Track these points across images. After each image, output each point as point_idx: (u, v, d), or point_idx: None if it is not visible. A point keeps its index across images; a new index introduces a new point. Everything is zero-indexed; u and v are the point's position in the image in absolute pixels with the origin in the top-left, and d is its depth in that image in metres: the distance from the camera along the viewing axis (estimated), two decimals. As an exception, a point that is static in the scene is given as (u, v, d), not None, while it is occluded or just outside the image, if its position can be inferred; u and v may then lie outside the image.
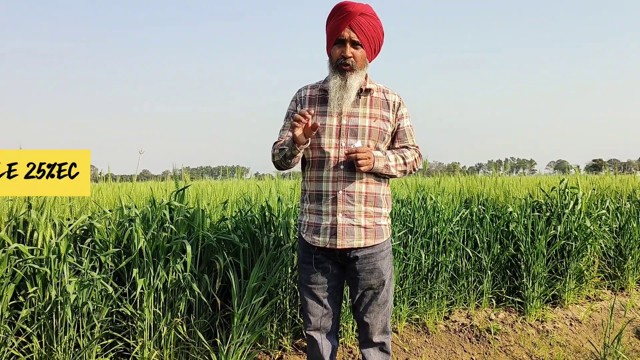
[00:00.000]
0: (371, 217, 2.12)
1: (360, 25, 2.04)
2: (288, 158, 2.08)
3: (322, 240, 2.10)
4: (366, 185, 2.10)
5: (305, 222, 2.19)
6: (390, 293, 2.23)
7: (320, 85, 2.22)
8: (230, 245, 2.99)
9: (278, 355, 3.02)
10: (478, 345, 3.40)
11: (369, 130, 2.11)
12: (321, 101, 2.18)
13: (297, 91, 2.29)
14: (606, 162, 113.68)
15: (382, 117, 2.16)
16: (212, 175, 33.19)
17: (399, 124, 2.22)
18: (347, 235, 2.07)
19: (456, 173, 5.96)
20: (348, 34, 2.04)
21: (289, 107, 2.31)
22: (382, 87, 2.24)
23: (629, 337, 3.57)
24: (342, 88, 2.08)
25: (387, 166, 2.09)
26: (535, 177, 7.13)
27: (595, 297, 4.50)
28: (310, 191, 2.16)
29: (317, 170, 2.14)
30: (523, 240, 3.98)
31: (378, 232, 2.14)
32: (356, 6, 2.03)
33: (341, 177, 2.08)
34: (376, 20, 2.11)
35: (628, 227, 4.86)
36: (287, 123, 2.27)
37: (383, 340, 2.24)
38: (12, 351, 2.40)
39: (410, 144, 2.23)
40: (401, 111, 2.22)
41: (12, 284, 2.37)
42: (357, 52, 2.08)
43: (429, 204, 3.85)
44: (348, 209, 2.08)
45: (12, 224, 2.58)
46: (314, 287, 2.17)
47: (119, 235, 2.72)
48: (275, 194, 3.36)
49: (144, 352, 2.61)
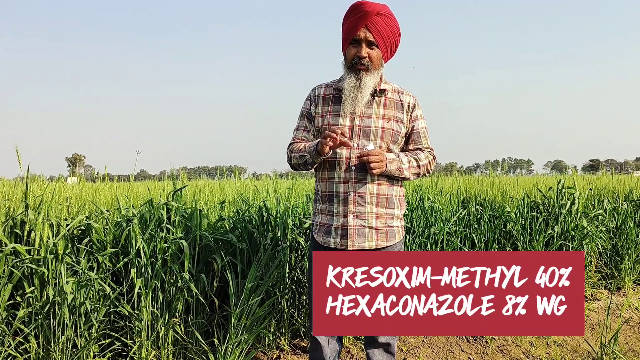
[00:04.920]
0: (383, 219, 2.09)
1: (377, 25, 2.01)
2: (309, 164, 2.08)
3: (333, 241, 2.08)
4: (378, 187, 2.08)
5: (318, 222, 2.17)
6: None
7: (335, 84, 2.20)
8: (227, 245, 2.99)
9: (276, 355, 3.02)
10: (475, 345, 3.40)
11: (381, 132, 2.09)
12: (335, 101, 2.15)
13: (312, 89, 2.26)
14: (603, 162, 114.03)
15: (395, 119, 2.13)
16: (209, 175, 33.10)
17: (413, 126, 2.18)
18: (358, 237, 2.05)
19: (454, 173, 5.97)
20: (364, 33, 2.01)
21: (303, 105, 2.28)
22: (397, 87, 2.20)
23: (625, 337, 3.58)
24: (357, 88, 2.05)
25: (400, 169, 2.07)
26: (532, 177, 7.15)
27: (592, 297, 4.51)
28: (323, 192, 2.15)
29: (329, 171, 2.12)
30: (520, 240, 3.99)
31: (390, 233, 2.11)
32: (373, 6, 2.00)
33: (352, 178, 2.06)
34: (393, 20, 2.07)
35: (625, 227, 4.88)
36: (302, 123, 2.25)
37: (388, 342, 2.22)
38: (10, 351, 2.39)
39: (425, 146, 2.20)
40: (416, 112, 2.19)
41: (10, 284, 2.37)
42: (373, 52, 2.05)
43: (427, 204, 3.86)
44: (359, 210, 2.06)
45: (10, 224, 2.57)
46: None
47: (116, 235, 2.72)
48: (273, 194, 3.36)
49: (141, 352, 2.61)
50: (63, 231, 2.53)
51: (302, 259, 3.14)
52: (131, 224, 2.64)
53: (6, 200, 2.70)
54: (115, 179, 4.42)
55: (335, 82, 2.21)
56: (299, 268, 3.15)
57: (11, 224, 2.59)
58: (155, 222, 2.74)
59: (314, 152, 2.00)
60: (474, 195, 4.52)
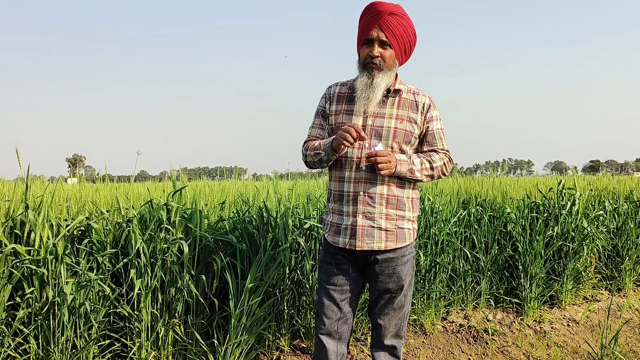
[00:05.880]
0: (393, 220, 2.07)
1: (389, 24, 2.01)
2: (324, 162, 2.09)
3: (342, 241, 2.07)
4: (388, 187, 2.05)
5: (329, 221, 2.17)
6: (408, 298, 2.18)
7: (350, 83, 2.20)
8: (227, 245, 2.99)
9: (275, 356, 3.01)
10: (475, 346, 3.40)
11: (394, 132, 2.07)
12: (349, 99, 2.15)
13: (327, 88, 2.27)
14: (603, 163, 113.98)
15: (409, 119, 2.10)
16: (209, 176, 33.13)
17: (427, 127, 2.15)
18: (367, 237, 2.04)
19: (454, 174, 5.97)
20: (376, 33, 2.01)
21: (318, 103, 2.28)
22: (413, 88, 2.18)
23: (626, 338, 3.57)
24: (369, 87, 2.04)
25: (412, 170, 2.04)
26: (532, 178, 7.13)
27: (593, 298, 4.51)
28: (334, 191, 2.14)
29: (340, 170, 2.11)
30: (521, 241, 3.99)
31: (400, 235, 2.09)
32: (385, 5, 2.00)
33: (362, 179, 2.05)
34: (406, 20, 2.06)
35: (625, 227, 4.88)
36: (317, 121, 2.25)
37: (394, 344, 2.19)
38: (9, 352, 2.39)
39: (440, 147, 2.17)
40: (431, 113, 2.16)
41: (9, 284, 2.37)
42: (386, 52, 2.04)
43: (427, 204, 3.85)
44: (368, 211, 2.04)
45: (9, 225, 2.57)
46: (332, 289, 2.12)
47: (116, 235, 2.72)
48: (273, 195, 3.36)
49: (141, 353, 2.60)
50: (63, 232, 2.53)
51: (303, 260, 3.14)
52: (131, 224, 2.63)
53: (6, 201, 2.70)
54: (116, 180, 4.42)
55: (351, 81, 2.21)
56: (299, 269, 3.14)
57: (11, 225, 2.59)
58: (155, 223, 2.74)
59: (329, 150, 2.01)
60: (474, 196, 4.52)
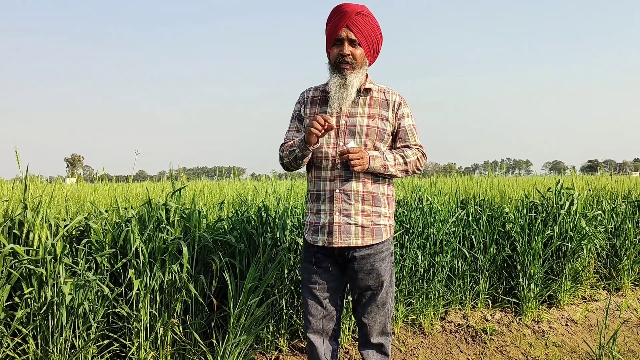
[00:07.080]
0: (369, 216, 2.12)
1: (357, 24, 2.07)
2: (299, 159, 2.12)
3: (321, 239, 2.12)
4: (363, 184, 2.11)
5: (308, 221, 2.22)
6: (390, 295, 2.22)
7: (322, 87, 2.26)
8: (226, 245, 2.99)
9: (274, 356, 3.01)
10: (474, 346, 3.40)
11: (366, 130, 2.12)
12: (322, 102, 2.21)
13: (301, 93, 2.34)
14: (602, 163, 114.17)
15: (380, 117, 2.16)
16: (208, 175, 33.16)
17: (399, 123, 2.22)
18: (344, 234, 2.08)
19: (452, 174, 5.97)
20: (345, 33, 2.08)
21: (294, 109, 2.34)
22: (383, 87, 2.25)
23: (624, 337, 3.58)
24: (342, 87, 2.10)
25: (385, 165, 2.09)
26: (531, 178, 7.15)
27: (591, 298, 4.51)
28: (311, 191, 2.20)
29: (317, 170, 2.17)
30: (519, 240, 4.00)
31: (377, 231, 2.13)
32: (352, 6, 2.08)
33: (338, 176, 2.10)
34: (373, 19, 2.14)
35: (623, 227, 4.89)
36: (293, 124, 2.30)
37: (382, 342, 2.23)
38: (8, 352, 2.39)
39: (413, 143, 2.22)
40: (402, 110, 2.22)
41: (8, 284, 2.36)
42: (356, 50, 2.11)
43: (425, 204, 3.86)
44: (345, 208, 2.09)
45: (8, 225, 2.56)
46: (314, 287, 2.18)
47: (115, 236, 2.72)
48: (272, 195, 3.36)
49: (140, 353, 2.60)
50: (61, 232, 2.52)
51: (301, 260, 3.14)
52: (130, 224, 2.63)
53: (5, 201, 2.70)
54: (114, 180, 4.41)
55: (323, 85, 2.27)
56: (298, 269, 3.15)
57: (9, 225, 2.58)
58: (153, 223, 2.74)
59: (302, 144, 2.05)
60: (473, 195, 4.52)
